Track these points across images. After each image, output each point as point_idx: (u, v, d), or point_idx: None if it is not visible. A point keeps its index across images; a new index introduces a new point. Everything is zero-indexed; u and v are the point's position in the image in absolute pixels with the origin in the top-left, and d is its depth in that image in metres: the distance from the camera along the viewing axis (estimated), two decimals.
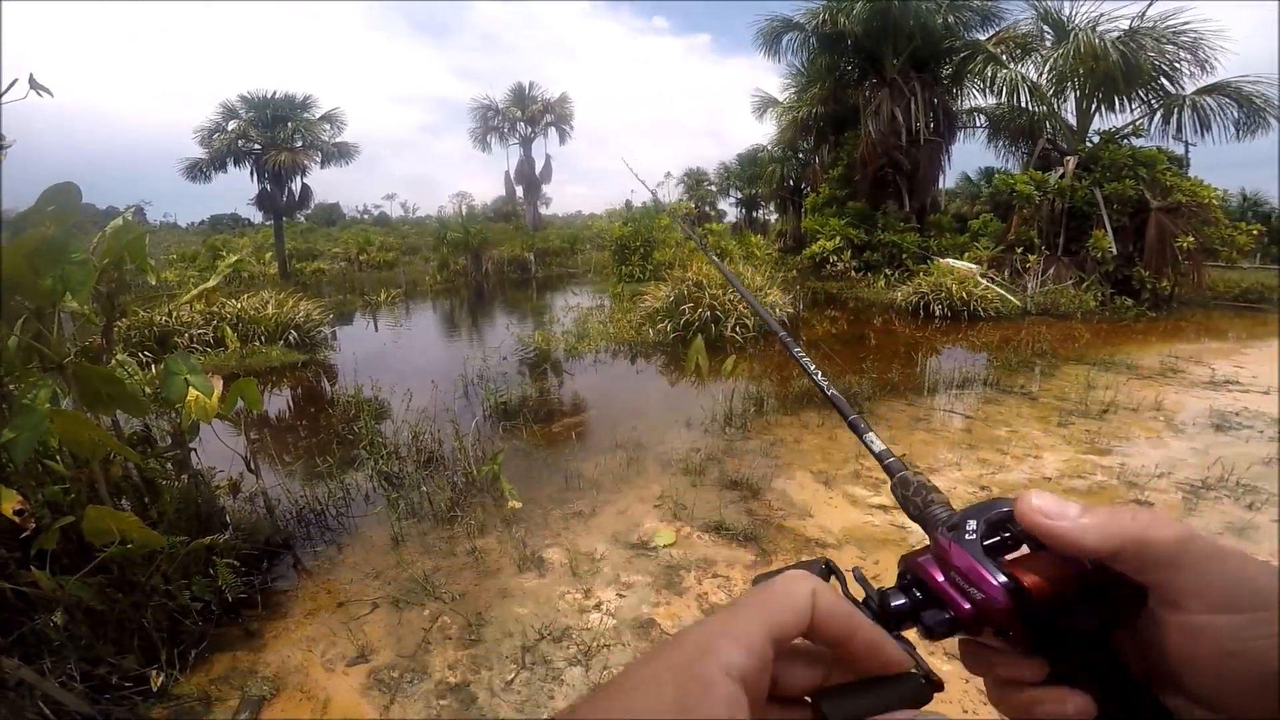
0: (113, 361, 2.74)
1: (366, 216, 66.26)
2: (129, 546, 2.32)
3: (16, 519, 1.88)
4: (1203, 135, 14.50)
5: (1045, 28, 15.59)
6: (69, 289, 2.20)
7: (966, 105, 18.62)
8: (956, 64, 17.37)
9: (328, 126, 23.84)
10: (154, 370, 3.61)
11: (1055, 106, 15.79)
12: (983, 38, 17.00)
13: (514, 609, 3.17)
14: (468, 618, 3.08)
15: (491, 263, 22.94)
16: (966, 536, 0.35)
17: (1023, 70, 16.21)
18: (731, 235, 20.25)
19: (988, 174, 25.80)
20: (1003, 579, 0.33)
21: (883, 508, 4.17)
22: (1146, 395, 6.58)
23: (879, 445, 0.53)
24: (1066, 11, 14.99)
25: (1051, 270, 13.42)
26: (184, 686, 2.64)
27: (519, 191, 34.82)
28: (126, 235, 2.58)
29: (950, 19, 16.91)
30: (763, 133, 35.80)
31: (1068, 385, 7.05)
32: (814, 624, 0.30)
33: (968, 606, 0.34)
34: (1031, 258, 13.58)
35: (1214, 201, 13.79)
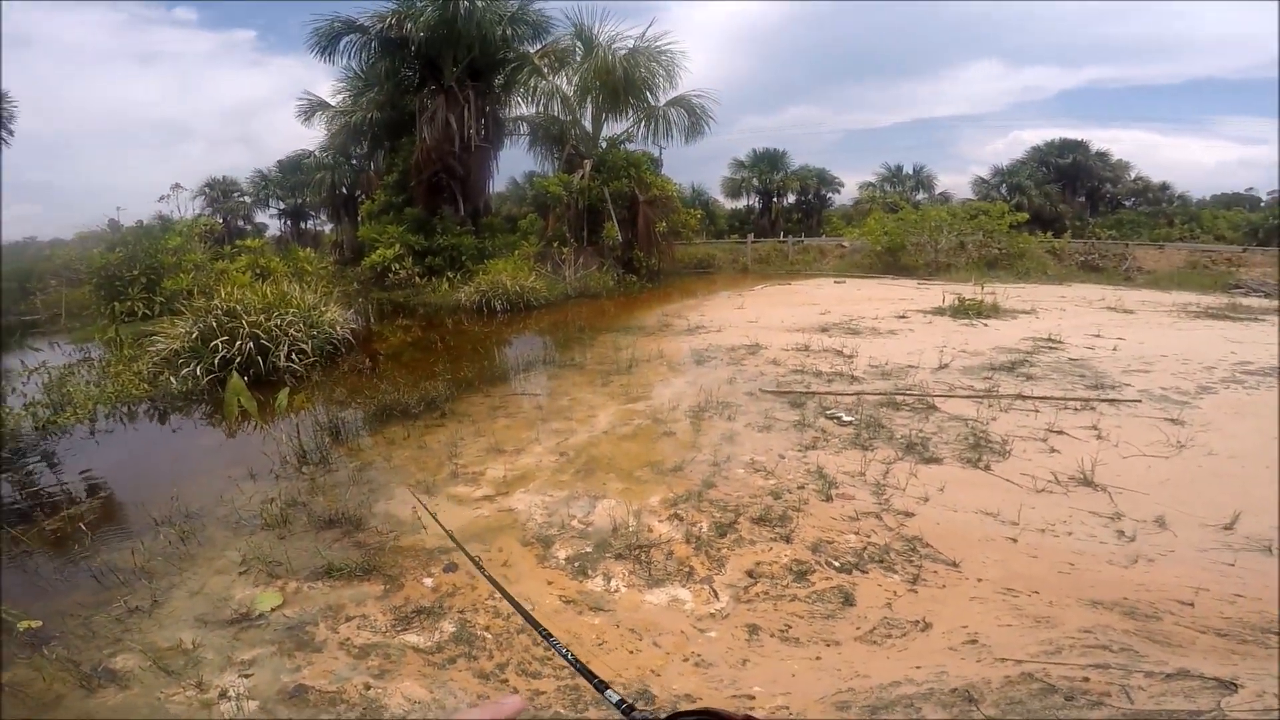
0: None
1: None
2: None
3: None
4: (669, 139, 18.47)
5: (579, 43, 17.56)
6: None
7: (514, 114, 20.08)
8: (507, 74, 18.59)
9: None
10: None
11: (579, 115, 18.24)
12: (533, 50, 18.37)
13: None
14: None
15: None
16: None
17: (559, 82, 18.15)
18: (276, 251, 17.62)
19: (530, 177, 28.55)
20: None
21: (488, 498, 4.26)
22: (653, 347, 8.49)
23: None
24: (596, 29, 17.15)
25: (581, 259, 16.00)
26: None
27: None
28: None
29: (508, 31, 17.85)
30: (310, 138, 32.10)
31: (605, 351, 8.52)
32: None
33: None
34: (565, 250, 15.91)
35: (675, 194, 18.64)
